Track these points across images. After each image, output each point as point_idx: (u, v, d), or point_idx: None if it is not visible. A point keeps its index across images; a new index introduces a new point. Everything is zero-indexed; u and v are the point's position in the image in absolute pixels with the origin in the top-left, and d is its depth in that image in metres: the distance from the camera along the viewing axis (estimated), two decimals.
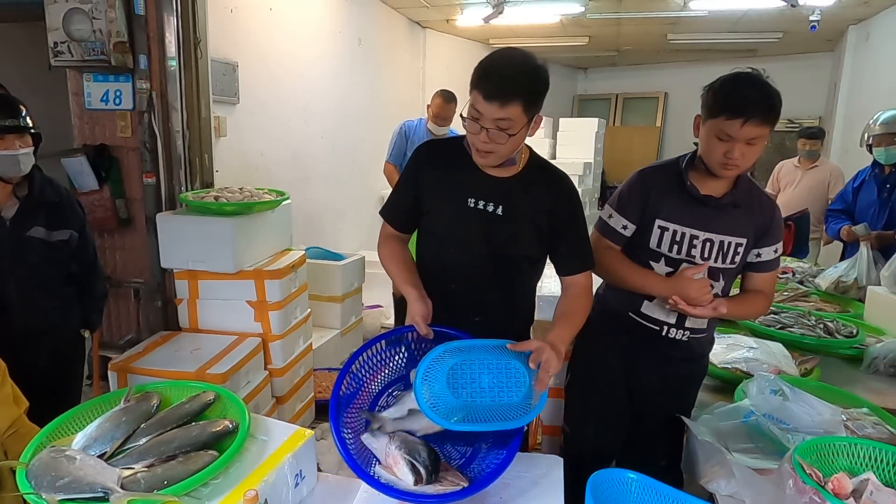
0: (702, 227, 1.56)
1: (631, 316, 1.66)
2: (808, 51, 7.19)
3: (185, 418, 1.22)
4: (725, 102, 1.42)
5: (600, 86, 9.58)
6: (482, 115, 1.30)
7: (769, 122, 1.40)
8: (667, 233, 1.57)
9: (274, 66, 4.00)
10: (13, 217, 1.89)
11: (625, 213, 1.62)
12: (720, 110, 1.43)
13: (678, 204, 1.57)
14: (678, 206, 1.57)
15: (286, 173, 4.20)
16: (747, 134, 1.40)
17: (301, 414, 2.90)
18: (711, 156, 1.48)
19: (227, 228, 2.47)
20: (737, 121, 1.39)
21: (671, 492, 1.04)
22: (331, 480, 1.34)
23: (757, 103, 1.40)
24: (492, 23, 5.71)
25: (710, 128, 1.46)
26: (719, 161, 1.46)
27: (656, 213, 1.58)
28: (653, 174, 1.64)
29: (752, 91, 1.42)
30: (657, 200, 1.58)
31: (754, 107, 1.39)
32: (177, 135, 2.90)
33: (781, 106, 1.44)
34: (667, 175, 1.61)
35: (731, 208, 1.56)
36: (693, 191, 1.55)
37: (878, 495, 1.05)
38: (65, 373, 2.09)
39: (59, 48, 2.74)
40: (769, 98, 1.41)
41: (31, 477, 1.01)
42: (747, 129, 1.40)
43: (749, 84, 1.43)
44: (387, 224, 1.57)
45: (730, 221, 1.57)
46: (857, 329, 2.08)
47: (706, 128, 1.48)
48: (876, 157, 2.96)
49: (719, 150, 1.45)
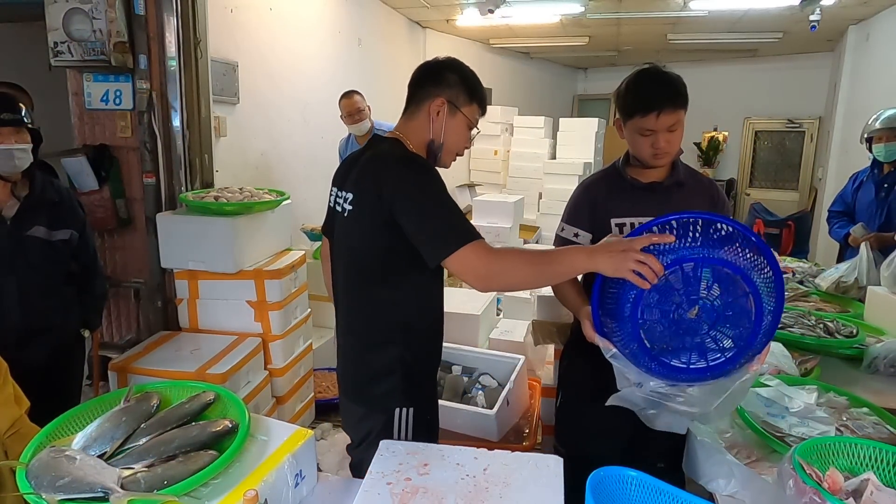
0: (655, 212, 1.52)
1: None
2: (808, 51, 7.19)
3: (185, 418, 1.22)
4: (636, 103, 1.53)
5: (600, 86, 9.59)
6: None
7: (680, 106, 1.50)
8: (624, 228, 1.61)
9: (274, 66, 4.00)
10: (14, 216, 1.89)
11: (574, 223, 1.67)
12: (633, 111, 1.53)
13: (627, 199, 1.63)
14: (627, 201, 1.63)
15: (286, 173, 4.20)
16: (665, 123, 1.50)
17: (301, 414, 2.91)
18: (640, 151, 1.57)
19: (227, 228, 2.48)
20: (650, 115, 1.50)
21: (671, 490, 1.04)
22: (331, 480, 1.34)
23: (663, 94, 1.50)
24: (492, 23, 5.71)
25: (630, 128, 1.57)
26: (649, 153, 1.55)
27: (609, 214, 1.63)
28: (594, 182, 1.72)
29: (655, 85, 1.53)
30: (605, 203, 1.64)
31: (661, 98, 1.49)
32: (177, 135, 2.90)
33: (686, 88, 1.53)
34: (607, 178, 1.70)
35: (677, 188, 1.64)
36: (635, 182, 1.64)
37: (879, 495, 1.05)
38: (65, 372, 2.09)
39: (59, 48, 2.74)
40: (673, 85, 1.52)
41: (31, 477, 1.01)
42: (663, 120, 1.50)
43: (649, 80, 1.55)
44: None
45: (681, 201, 1.61)
46: (857, 329, 2.07)
47: (628, 128, 1.58)
48: (875, 154, 2.95)
49: (645, 144, 1.54)
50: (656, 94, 1.51)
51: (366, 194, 1.35)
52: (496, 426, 2.13)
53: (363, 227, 1.36)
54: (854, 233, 2.96)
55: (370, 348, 1.45)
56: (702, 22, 5.79)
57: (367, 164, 1.40)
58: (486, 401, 2.26)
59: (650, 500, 1.05)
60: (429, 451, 1.24)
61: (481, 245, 1.25)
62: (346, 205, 1.41)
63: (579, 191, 1.73)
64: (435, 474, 1.16)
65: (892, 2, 4.92)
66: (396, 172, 1.32)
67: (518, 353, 2.49)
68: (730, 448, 1.36)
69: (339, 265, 1.51)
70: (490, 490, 1.12)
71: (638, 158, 1.62)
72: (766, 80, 7.79)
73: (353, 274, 1.45)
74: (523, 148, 6.78)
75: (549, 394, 2.22)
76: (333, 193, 1.54)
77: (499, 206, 4.32)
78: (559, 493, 1.12)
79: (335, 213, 1.51)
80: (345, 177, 1.48)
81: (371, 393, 1.46)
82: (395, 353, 1.42)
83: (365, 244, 1.37)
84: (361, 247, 1.39)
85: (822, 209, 5.79)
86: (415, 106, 1.45)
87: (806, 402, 1.49)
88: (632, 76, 1.59)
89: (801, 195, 7.98)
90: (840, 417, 1.45)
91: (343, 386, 1.58)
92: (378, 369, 1.44)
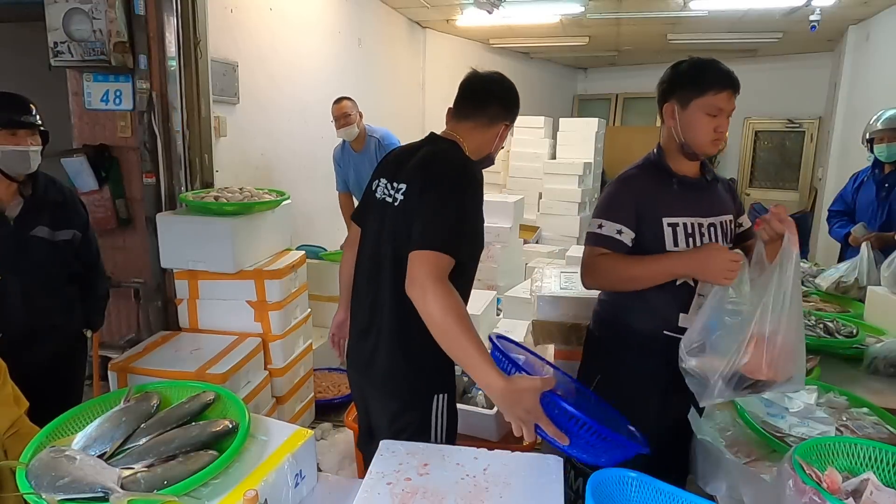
0: (704, 212, 1.56)
1: (667, 335, 1.53)
2: (808, 51, 7.19)
3: (185, 418, 1.22)
4: (713, 79, 1.48)
5: (600, 86, 9.58)
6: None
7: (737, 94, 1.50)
8: (678, 228, 1.53)
9: (274, 66, 4.00)
10: (17, 216, 1.89)
11: (617, 219, 1.53)
12: (707, 87, 1.47)
13: (674, 197, 1.55)
14: (676, 200, 1.54)
15: (286, 173, 4.20)
16: (731, 106, 1.48)
17: (301, 414, 2.90)
18: (701, 135, 1.50)
19: (227, 228, 2.47)
20: (724, 93, 1.47)
21: (671, 490, 1.04)
22: (331, 480, 1.34)
23: (732, 76, 1.49)
24: (492, 23, 5.71)
25: (696, 108, 1.49)
26: (710, 138, 1.49)
27: (658, 214, 1.53)
28: (635, 177, 1.60)
29: (721, 67, 1.51)
30: (651, 201, 1.54)
31: (732, 79, 1.49)
32: (177, 135, 2.91)
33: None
34: (648, 174, 1.59)
35: (716, 185, 1.61)
36: (684, 179, 1.56)
37: (878, 495, 1.05)
38: (66, 372, 2.09)
39: (59, 48, 2.74)
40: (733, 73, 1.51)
41: (31, 477, 1.01)
42: (731, 102, 1.48)
43: (713, 63, 1.52)
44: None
45: (719, 200, 1.59)
46: (857, 329, 2.07)
47: (690, 110, 1.50)
48: (877, 155, 2.95)
49: (709, 126, 1.48)
50: (728, 74, 1.48)
51: (414, 186, 1.43)
52: (496, 426, 2.13)
53: (413, 217, 1.39)
54: (855, 232, 2.96)
55: (409, 340, 1.45)
56: (702, 22, 5.79)
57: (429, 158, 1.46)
58: (486, 401, 2.26)
59: (650, 500, 1.05)
60: (429, 451, 1.24)
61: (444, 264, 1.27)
62: (399, 195, 1.45)
63: (618, 186, 1.60)
64: (435, 474, 1.16)
65: (892, 2, 4.92)
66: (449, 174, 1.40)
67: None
68: (730, 448, 1.36)
69: (377, 255, 1.50)
70: (490, 490, 1.12)
71: (690, 146, 1.52)
72: (766, 80, 7.78)
73: (396, 263, 1.43)
74: (523, 148, 6.78)
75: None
76: (382, 184, 1.54)
77: (499, 206, 4.31)
78: (559, 493, 1.12)
79: (382, 203, 1.51)
80: (397, 168, 1.52)
81: (409, 385, 1.48)
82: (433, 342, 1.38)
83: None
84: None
85: (822, 209, 5.79)
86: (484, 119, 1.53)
87: (806, 402, 1.49)
88: (687, 60, 1.54)
89: (801, 195, 7.98)
90: (840, 417, 1.45)
91: (369, 381, 1.55)
92: (417, 360, 1.46)
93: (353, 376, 1.66)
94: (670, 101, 1.54)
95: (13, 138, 1.81)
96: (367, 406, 1.63)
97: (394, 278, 1.44)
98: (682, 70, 1.53)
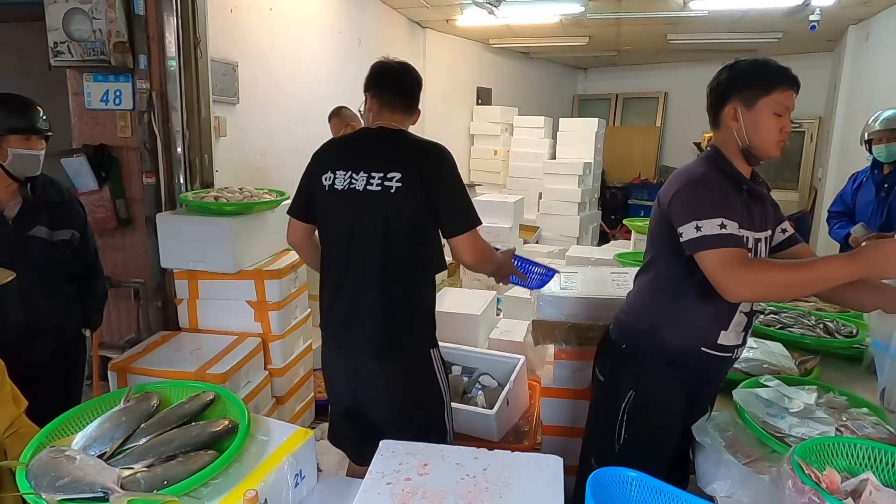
0: (759, 227, 1.47)
1: (703, 351, 1.49)
2: (808, 51, 7.18)
3: (185, 418, 1.22)
4: (778, 76, 1.39)
5: (600, 86, 9.59)
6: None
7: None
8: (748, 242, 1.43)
9: (274, 66, 4.00)
10: (16, 216, 1.89)
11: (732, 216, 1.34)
12: (776, 84, 1.38)
13: (745, 208, 1.42)
14: (746, 211, 1.42)
15: (286, 173, 4.19)
16: (793, 106, 1.41)
17: (301, 414, 2.91)
18: (769, 135, 1.40)
19: (227, 228, 2.48)
20: (790, 90, 1.39)
21: (671, 490, 1.04)
22: (331, 480, 1.34)
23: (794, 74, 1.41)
24: (492, 23, 5.71)
25: (765, 106, 1.39)
26: (777, 139, 1.40)
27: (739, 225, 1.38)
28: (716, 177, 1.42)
29: (782, 65, 1.42)
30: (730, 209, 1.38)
31: (795, 77, 1.40)
32: (177, 135, 2.90)
33: None
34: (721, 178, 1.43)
35: (768, 194, 1.51)
36: (754, 189, 1.44)
37: (878, 495, 1.05)
38: (66, 372, 2.09)
39: (59, 48, 2.74)
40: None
41: (31, 477, 1.01)
42: (794, 102, 1.40)
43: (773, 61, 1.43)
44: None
45: (768, 212, 1.50)
46: (857, 329, 2.08)
47: (758, 109, 1.39)
48: (875, 155, 2.95)
49: (776, 126, 1.39)
50: (792, 72, 1.40)
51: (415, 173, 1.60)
52: (496, 426, 2.13)
53: (412, 201, 1.59)
54: (855, 233, 2.96)
55: (396, 309, 1.64)
56: (702, 22, 5.78)
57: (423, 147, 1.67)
58: (485, 401, 2.26)
59: (650, 500, 1.05)
60: (429, 451, 1.24)
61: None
62: (394, 183, 1.59)
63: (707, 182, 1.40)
64: (435, 474, 1.16)
65: (892, 2, 4.92)
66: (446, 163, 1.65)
67: (518, 354, 2.48)
68: (729, 448, 1.36)
69: (359, 240, 1.64)
70: (490, 490, 1.12)
71: (756, 148, 1.41)
72: None
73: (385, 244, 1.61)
74: (523, 148, 6.79)
75: (549, 394, 2.22)
76: (348, 175, 1.67)
77: (499, 206, 4.32)
78: (559, 493, 1.12)
79: (365, 193, 1.62)
80: (370, 160, 1.65)
81: (410, 346, 1.68)
82: (427, 301, 1.72)
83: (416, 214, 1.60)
84: (409, 216, 1.60)
85: (822, 209, 5.79)
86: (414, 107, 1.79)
87: (806, 402, 1.50)
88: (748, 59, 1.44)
89: (801, 195, 7.98)
90: (840, 417, 1.45)
91: (370, 351, 1.67)
92: (415, 321, 1.69)
93: (344, 358, 1.74)
94: (732, 102, 1.43)
95: (27, 143, 1.86)
96: (357, 386, 1.73)
97: (382, 258, 1.62)
98: (743, 69, 1.43)
